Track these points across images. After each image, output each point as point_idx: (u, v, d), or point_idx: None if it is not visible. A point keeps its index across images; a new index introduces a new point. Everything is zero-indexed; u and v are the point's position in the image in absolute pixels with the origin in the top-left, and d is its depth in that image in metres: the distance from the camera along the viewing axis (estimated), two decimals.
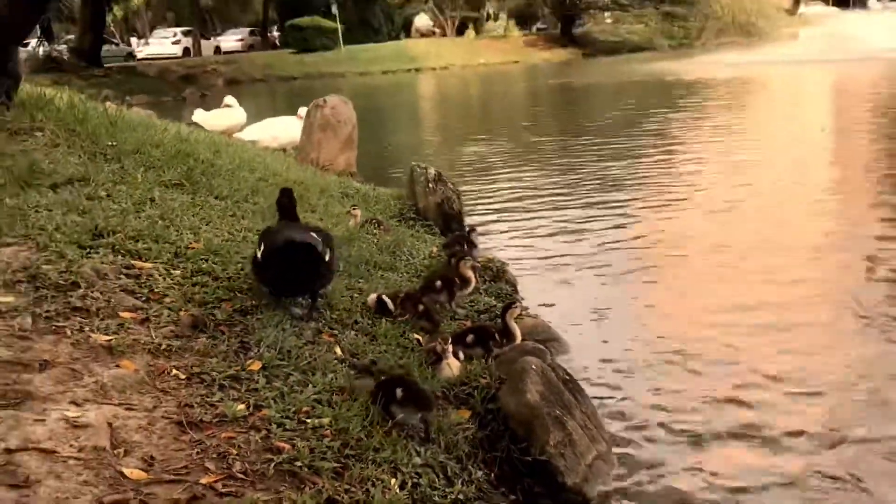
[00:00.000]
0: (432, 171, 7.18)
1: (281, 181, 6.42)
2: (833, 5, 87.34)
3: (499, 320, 4.12)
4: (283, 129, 11.04)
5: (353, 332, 3.80)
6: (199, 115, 11.85)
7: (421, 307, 4.20)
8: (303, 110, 10.38)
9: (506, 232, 8.01)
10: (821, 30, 50.51)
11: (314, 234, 3.68)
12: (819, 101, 20.43)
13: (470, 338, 3.98)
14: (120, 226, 3.93)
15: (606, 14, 55.88)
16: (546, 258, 6.96)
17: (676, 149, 13.07)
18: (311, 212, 5.96)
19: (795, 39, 50.10)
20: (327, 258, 3.70)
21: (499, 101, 26.55)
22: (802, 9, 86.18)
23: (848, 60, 28.99)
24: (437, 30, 52.42)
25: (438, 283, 4.60)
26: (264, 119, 11.69)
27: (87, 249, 3.62)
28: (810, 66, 28.73)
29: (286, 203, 3.96)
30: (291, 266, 3.55)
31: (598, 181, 10.38)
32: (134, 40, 52.64)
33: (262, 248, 3.58)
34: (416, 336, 4.01)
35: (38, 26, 10.81)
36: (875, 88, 20.88)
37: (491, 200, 9.56)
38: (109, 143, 5.62)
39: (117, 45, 50.64)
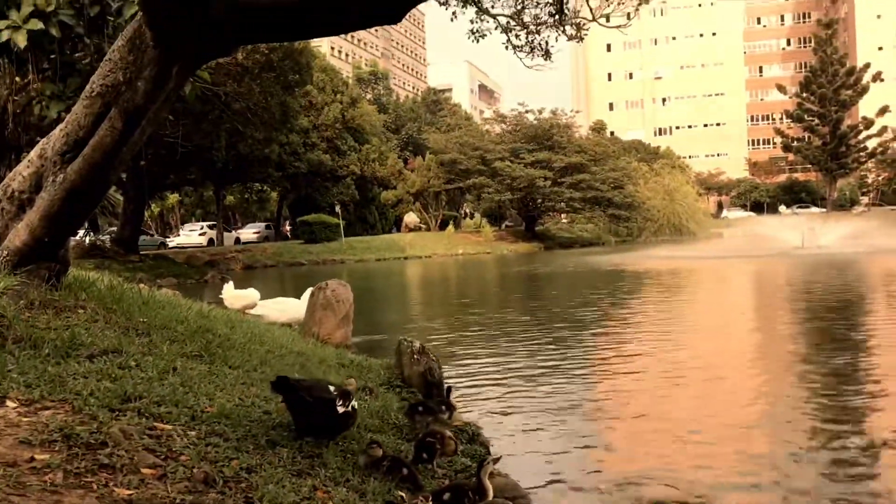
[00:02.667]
0: (417, 343, 7.20)
1: (286, 352, 6.42)
2: (751, 210, 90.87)
3: (474, 478, 4.03)
4: (289, 307, 11.10)
5: (344, 489, 3.70)
6: (227, 291, 11.94)
7: (405, 470, 4.11)
8: (307, 294, 10.50)
9: (481, 397, 7.93)
10: (741, 230, 52.29)
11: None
12: (739, 289, 20.87)
13: (447, 495, 3.88)
14: (146, 392, 3.90)
15: (563, 215, 57.73)
16: (518, 422, 6.88)
17: (624, 326, 13.19)
18: None
19: (720, 238, 51.75)
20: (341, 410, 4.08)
21: (474, 284, 26.92)
22: (725, 213, 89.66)
23: (764, 256, 29.85)
24: (423, 225, 53.79)
25: (423, 453, 4.53)
26: (274, 298, 11.77)
27: (117, 412, 3.57)
28: (732, 261, 29.54)
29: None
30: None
31: (561, 352, 10.40)
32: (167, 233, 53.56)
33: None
34: (401, 493, 3.90)
35: (86, 220, 11.04)
36: (785, 280, 21.40)
37: (468, 368, 9.52)
38: (141, 320, 5.64)
39: (152, 235, 51.53)
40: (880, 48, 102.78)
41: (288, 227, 59.65)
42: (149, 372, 4.33)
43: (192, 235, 48.83)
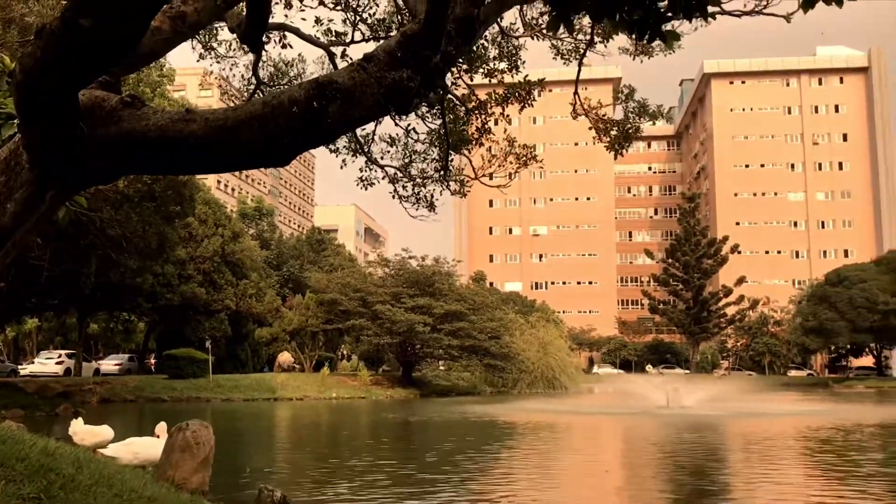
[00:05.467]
0: (278, 493, 6.91)
1: (136, 498, 5.99)
2: (619, 367, 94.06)
3: None
4: (143, 448, 10.45)
5: None
6: (75, 426, 11.19)
7: None
8: (160, 427, 9.97)
9: None
10: (611, 387, 53.85)
11: None
12: (605, 446, 21.24)
13: None
14: None
15: (441, 362, 57.87)
16: None
17: (491, 479, 13.09)
18: None
19: (591, 393, 53.03)
20: None
21: (346, 429, 26.25)
22: (596, 369, 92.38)
23: (631, 414, 30.68)
24: (297, 365, 52.53)
25: None
26: (128, 438, 11.08)
27: None
28: (601, 418, 30.20)
29: None
30: None
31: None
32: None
33: None
34: None
35: None
36: (648, 439, 22.00)
37: None
38: None
39: (2, 361, 48.00)
40: (737, 223, 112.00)
41: (153, 360, 56.92)
42: None
43: (47, 364, 45.69)
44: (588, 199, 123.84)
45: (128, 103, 4.80)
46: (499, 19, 10.50)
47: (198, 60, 12.52)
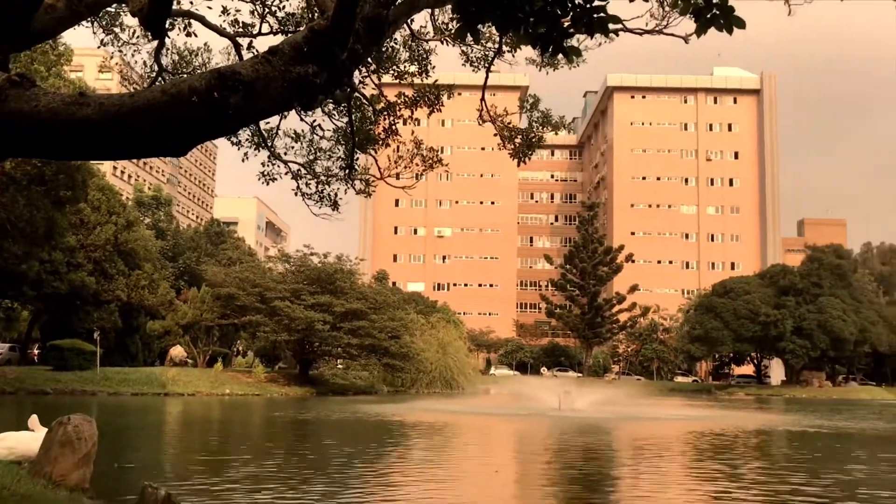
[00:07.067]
0: (163, 491, 6.71)
1: (7, 494, 5.71)
2: (516, 369, 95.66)
3: None
4: (19, 443, 9.93)
5: None
6: None
7: None
8: (32, 420, 9.53)
9: None
10: (506, 389, 54.76)
11: None
12: (497, 447, 21.59)
13: None
14: None
15: (339, 361, 57.43)
16: None
17: (377, 478, 13.10)
18: None
19: (487, 394, 53.79)
20: None
21: (236, 427, 25.72)
22: (493, 370, 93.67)
23: (523, 416, 31.26)
24: (190, 360, 51.04)
25: None
26: (3, 432, 10.51)
27: None
28: (494, 418, 30.64)
29: None
30: None
31: (336, 501, 10.09)
32: None
33: None
34: None
35: None
36: (539, 441, 22.49)
37: None
38: None
39: None
40: (633, 233, 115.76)
41: (37, 351, 54.21)
42: None
43: None
44: (492, 203, 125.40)
45: (16, 83, 4.58)
46: (409, 22, 10.53)
47: (99, 46, 12.03)
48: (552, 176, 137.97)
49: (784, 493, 12.48)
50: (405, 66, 12.01)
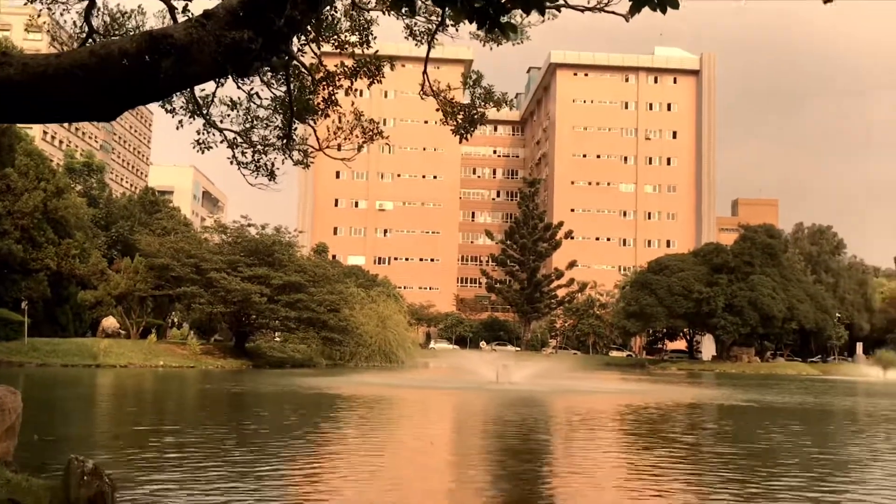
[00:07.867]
0: (90, 464, 6.58)
1: None
2: (455, 343, 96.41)
3: None
4: None
5: None
6: None
7: None
8: None
9: None
10: (445, 362, 55.11)
11: None
12: (434, 419, 21.78)
13: None
14: None
15: (277, 333, 56.94)
16: None
17: (312, 451, 13.10)
18: None
19: (426, 368, 54.05)
20: None
21: (169, 399, 25.34)
22: (433, 344, 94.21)
23: (461, 389, 31.55)
24: (122, 331, 49.92)
25: None
26: None
27: None
28: (432, 391, 30.85)
29: None
30: None
31: (251, 483, 10.03)
32: None
33: None
34: None
35: None
36: (476, 413, 22.76)
37: (149, 494, 8.82)
38: None
39: None
40: (572, 210, 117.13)
41: None
42: None
43: None
44: (435, 177, 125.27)
45: None
46: None
47: (26, 3, 11.53)
48: (495, 151, 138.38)
49: (714, 461, 12.93)
50: (346, 36, 11.83)
